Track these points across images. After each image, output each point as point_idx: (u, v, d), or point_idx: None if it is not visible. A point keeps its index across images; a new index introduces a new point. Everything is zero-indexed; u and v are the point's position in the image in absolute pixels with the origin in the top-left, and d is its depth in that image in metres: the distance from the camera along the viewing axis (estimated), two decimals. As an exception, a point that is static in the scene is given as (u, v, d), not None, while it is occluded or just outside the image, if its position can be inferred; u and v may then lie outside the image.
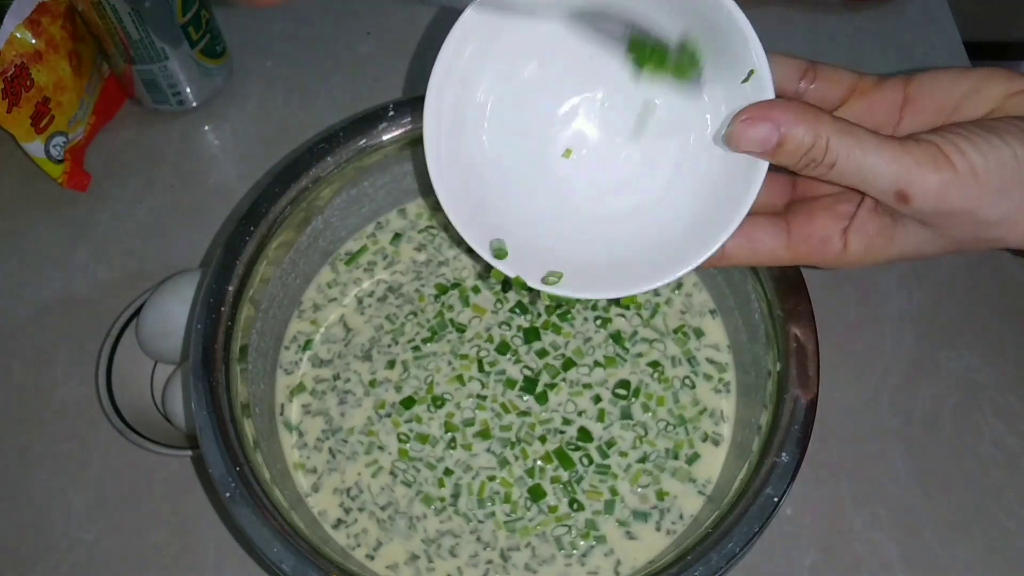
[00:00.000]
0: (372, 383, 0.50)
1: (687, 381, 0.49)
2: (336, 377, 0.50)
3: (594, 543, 0.45)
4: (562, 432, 0.48)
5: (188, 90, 0.64)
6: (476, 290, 0.52)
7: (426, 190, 0.54)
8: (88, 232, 0.61)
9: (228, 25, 0.66)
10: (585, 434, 0.47)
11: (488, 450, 0.47)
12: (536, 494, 0.46)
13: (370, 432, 0.48)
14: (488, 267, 0.41)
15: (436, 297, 0.52)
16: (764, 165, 0.36)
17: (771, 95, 0.35)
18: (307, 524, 0.42)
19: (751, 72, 0.35)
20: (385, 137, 0.49)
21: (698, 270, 0.51)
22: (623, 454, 0.47)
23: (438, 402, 0.49)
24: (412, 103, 0.49)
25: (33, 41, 0.57)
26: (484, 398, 0.49)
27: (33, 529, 0.51)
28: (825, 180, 0.35)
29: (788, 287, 0.44)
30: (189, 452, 0.49)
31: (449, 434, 0.48)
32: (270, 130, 0.65)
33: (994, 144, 0.33)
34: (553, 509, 0.46)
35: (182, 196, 0.63)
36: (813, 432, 0.40)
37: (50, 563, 0.49)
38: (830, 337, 0.45)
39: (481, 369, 0.49)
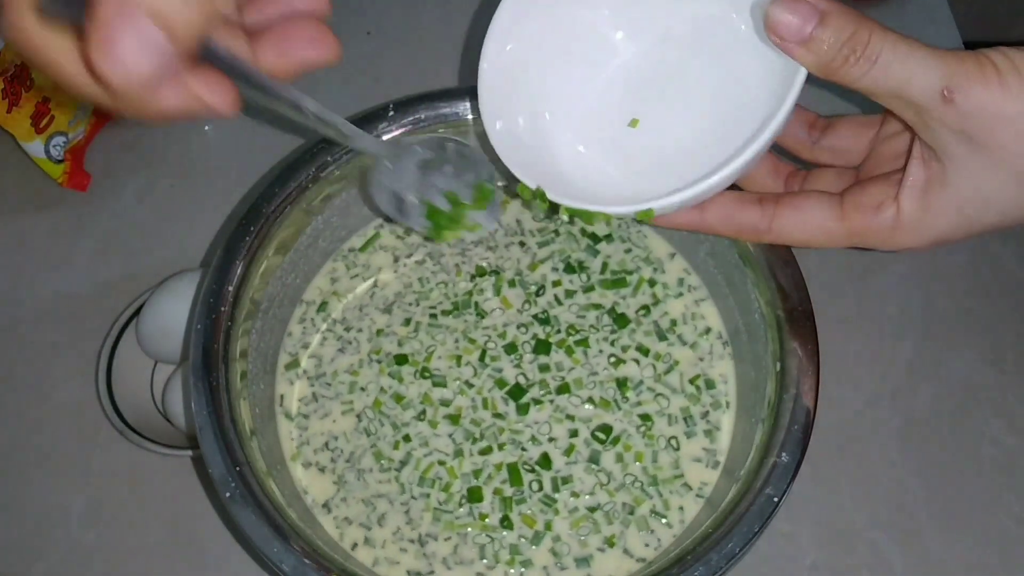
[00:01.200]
0: (379, 332, 0.51)
1: (672, 442, 0.47)
2: (348, 329, 0.51)
3: (523, 569, 0.45)
4: (524, 449, 0.47)
5: (188, 90, 0.64)
6: (512, 284, 0.52)
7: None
8: (88, 232, 0.61)
9: (228, 25, 0.66)
10: (545, 461, 0.47)
11: (450, 435, 0.48)
12: (473, 495, 0.46)
13: (354, 372, 0.49)
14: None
15: (472, 277, 0.52)
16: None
17: None
18: (300, 515, 0.42)
19: None
20: (385, 137, 0.49)
21: (701, 273, 0.51)
22: (575, 494, 0.46)
23: (426, 373, 0.49)
24: (412, 103, 0.49)
25: (33, 41, 0.56)
26: (471, 386, 0.49)
27: (33, 529, 0.51)
28: (863, 86, 0.32)
29: (788, 287, 0.44)
30: (189, 452, 0.49)
31: (422, 406, 0.48)
32: (270, 130, 0.65)
33: None
34: (483, 516, 0.46)
35: (182, 196, 0.63)
36: (813, 432, 0.40)
37: (50, 563, 0.50)
38: (830, 337, 0.45)
39: (481, 359, 0.49)
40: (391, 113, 0.48)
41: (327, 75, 0.67)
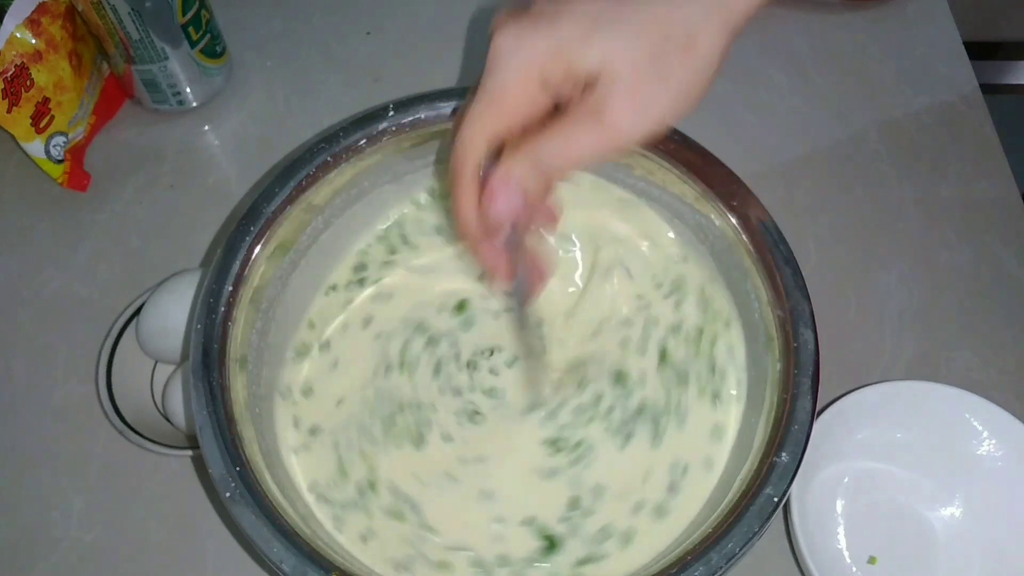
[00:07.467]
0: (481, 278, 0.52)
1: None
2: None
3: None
4: (432, 420, 0.47)
5: (188, 90, 0.64)
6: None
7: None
8: (88, 232, 0.61)
9: (228, 25, 0.66)
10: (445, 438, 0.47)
11: (432, 373, 0.49)
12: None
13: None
14: None
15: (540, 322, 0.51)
16: None
17: None
18: (299, 512, 0.42)
19: None
20: (385, 137, 0.49)
21: (701, 276, 0.51)
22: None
23: (461, 308, 0.51)
24: (412, 103, 0.49)
25: (33, 41, 0.57)
26: (474, 368, 0.50)
27: (33, 529, 0.51)
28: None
29: (788, 287, 0.44)
30: (189, 452, 0.49)
31: (438, 339, 0.50)
32: (270, 130, 0.65)
33: None
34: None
35: (182, 196, 0.63)
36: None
37: (50, 563, 0.49)
38: (830, 337, 0.45)
39: (496, 369, 0.50)
40: (391, 113, 0.48)
41: (328, 76, 0.68)
